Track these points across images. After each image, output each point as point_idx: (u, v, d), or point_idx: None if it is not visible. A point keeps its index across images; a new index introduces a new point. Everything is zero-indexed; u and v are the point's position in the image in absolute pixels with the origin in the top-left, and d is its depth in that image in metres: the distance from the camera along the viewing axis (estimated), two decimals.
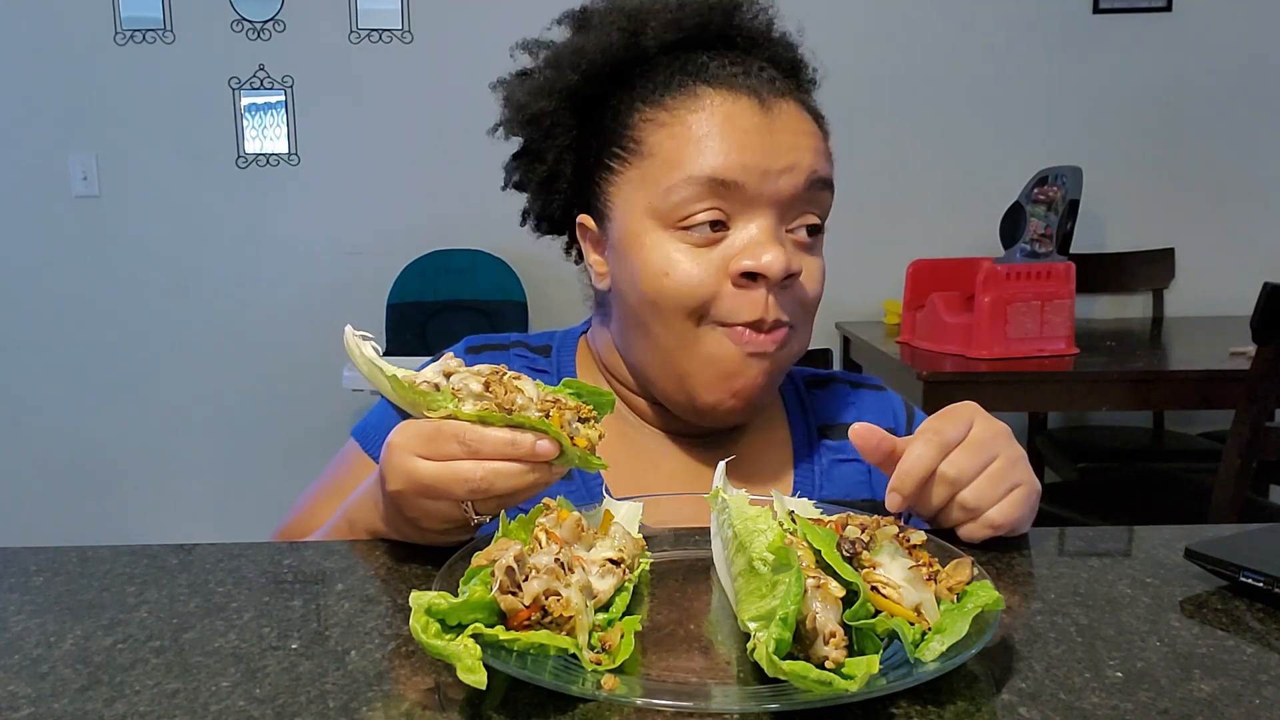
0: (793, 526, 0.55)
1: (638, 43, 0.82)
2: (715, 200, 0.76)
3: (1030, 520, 0.71)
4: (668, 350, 0.79)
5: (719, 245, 0.77)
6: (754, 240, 0.76)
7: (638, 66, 0.83)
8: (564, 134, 0.86)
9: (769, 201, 0.77)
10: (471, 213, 2.95)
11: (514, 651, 0.47)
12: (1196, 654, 0.51)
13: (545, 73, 0.86)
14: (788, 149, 0.77)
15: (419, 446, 0.60)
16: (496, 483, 0.59)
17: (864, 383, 0.98)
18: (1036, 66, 3.01)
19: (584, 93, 0.84)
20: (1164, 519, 1.89)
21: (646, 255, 0.78)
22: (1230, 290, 2.84)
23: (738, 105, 0.77)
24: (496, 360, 0.91)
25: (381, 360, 0.64)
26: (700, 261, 0.76)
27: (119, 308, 3.05)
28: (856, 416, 0.92)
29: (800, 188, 0.77)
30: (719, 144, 0.76)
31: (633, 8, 0.83)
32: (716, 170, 0.75)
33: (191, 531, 3.07)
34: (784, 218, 0.78)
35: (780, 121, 0.78)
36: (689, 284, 0.76)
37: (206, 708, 0.46)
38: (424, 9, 2.97)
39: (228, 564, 0.67)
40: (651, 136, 0.79)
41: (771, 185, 0.76)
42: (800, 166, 0.77)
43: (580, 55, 0.83)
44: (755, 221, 0.77)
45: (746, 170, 0.75)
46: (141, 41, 2.96)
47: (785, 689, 0.45)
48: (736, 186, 0.76)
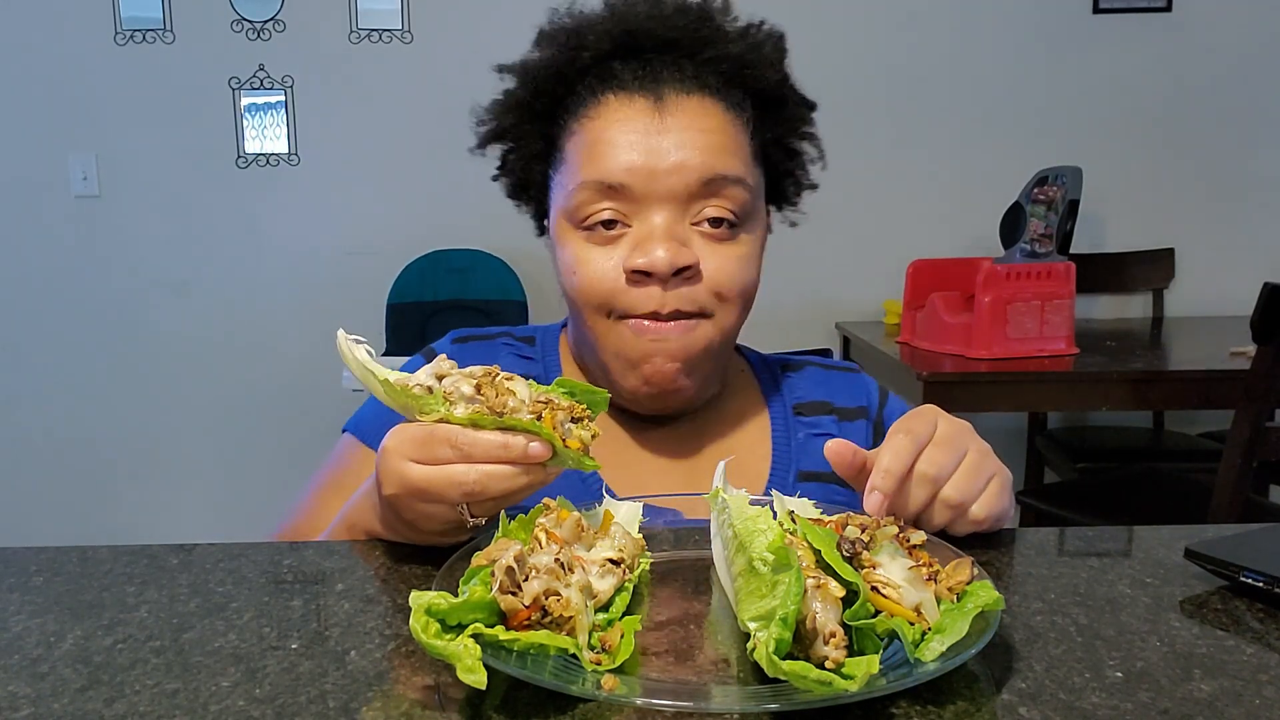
0: (793, 526, 0.55)
1: (576, 56, 0.86)
2: (609, 201, 0.81)
3: (1011, 511, 0.71)
4: (591, 343, 0.85)
5: (619, 242, 0.81)
6: (644, 237, 0.80)
7: (577, 79, 0.86)
8: (527, 145, 0.90)
9: (660, 198, 0.80)
10: (471, 213, 2.95)
11: (514, 651, 0.47)
12: (1196, 654, 0.51)
13: (510, 90, 0.91)
14: (677, 146, 0.80)
15: (412, 451, 0.61)
16: (490, 485, 0.59)
17: (836, 365, 1.02)
18: (1036, 66, 3.01)
19: (535, 107, 0.88)
20: (1164, 519, 1.89)
21: (562, 255, 0.85)
22: (1230, 290, 2.84)
23: (632, 108, 0.82)
24: (483, 350, 0.93)
25: (374, 363, 0.64)
26: (601, 259, 0.81)
27: (119, 308, 3.05)
28: (829, 394, 0.96)
29: (693, 185, 0.80)
30: (607, 148, 0.81)
31: (575, 25, 0.88)
32: (603, 175, 0.80)
33: (191, 531, 3.07)
34: (684, 211, 0.81)
35: (675, 120, 0.81)
36: (590, 281, 0.81)
37: (206, 708, 0.46)
38: (424, 9, 2.97)
39: (228, 564, 0.67)
40: (567, 145, 0.85)
41: (661, 184, 0.80)
42: (689, 165, 0.80)
43: (528, 73, 0.88)
44: (651, 219, 0.80)
45: (632, 173, 0.80)
46: (141, 41, 2.96)
47: (785, 689, 0.45)
48: (624, 188, 0.80)
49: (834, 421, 0.94)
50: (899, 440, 0.66)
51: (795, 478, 0.90)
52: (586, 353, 0.88)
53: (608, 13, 0.87)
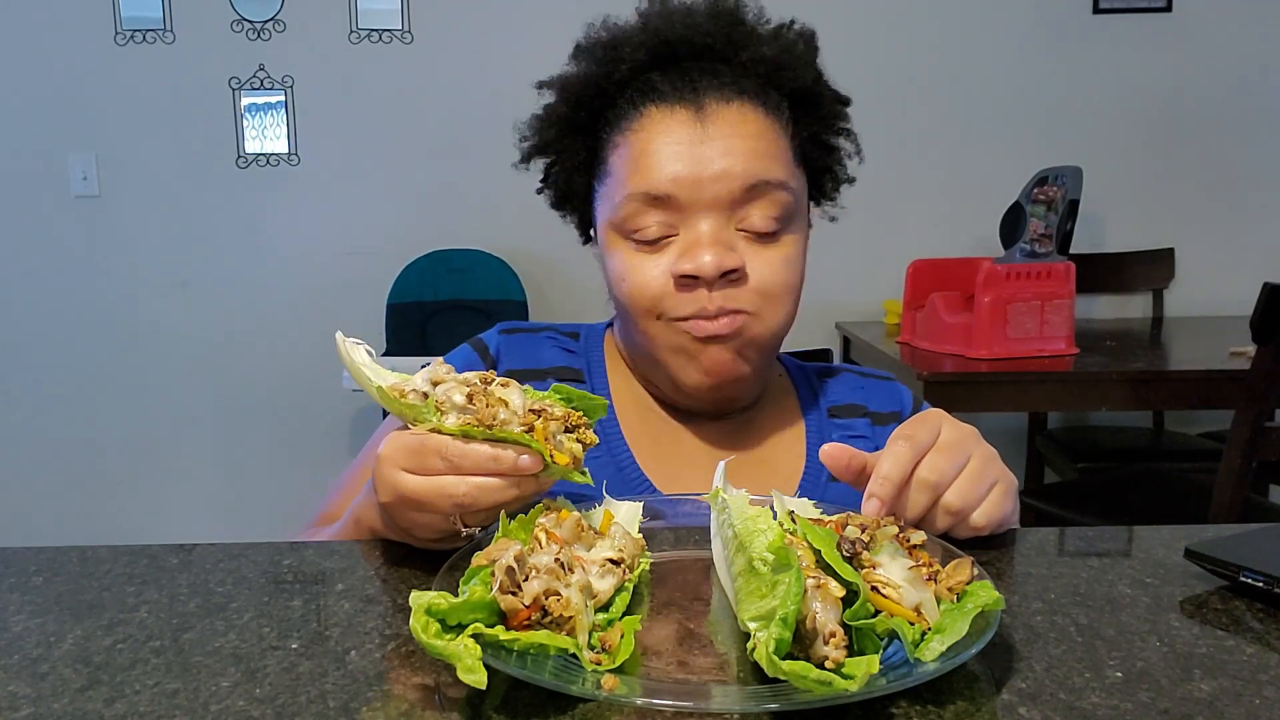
0: (793, 526, 0.55)
1: (614, 69, 0.87)
2: (657, 212, 0.82)
3: (1015, 516, 0.71)
4: (644, 345, 0.86)
5: (667, 249, 0.83)
6: (690, 243, 0.82)
7: (618, 92, 0.88)
8: (570, 158, 0.91)
9: (706, 206, 0.82)
10: (471, 213, 2.96)
11: (514, 651, 0.47)
12: (1196, 654, 0.51)
13: (550, 105, 0.92)
14: (721, 154, 0.81)
15: (404, 460, 0.61)
16: (480, 498, 0.59)
17: (871, 373, 1.03)
18: (1036, 66, 3.01)
19: (577, 120, 0.90)
20: (1164, 519, 1.89)
21: (611, 264, 0.86)
22: (1230, 290, 2.84)
23: (674, 119, 0.83)
24: (528, 342, 0.96)
25: (371, 366, 0.64)
26: (650, 267, 0.83)
27: (119, 308, 3.05)
28: (865, 399, 0.98)
29: (737, 190, 0.82)
30: (651, 160, 0.82)
31: (610, 37, 0.89)
32: (649, 187, 0.82)
33: (191, 531, 3.07)
34: (729, 216, 0.83)
35: (717, 129, 0.82)
36: (639, 287, 0.83)
37: (206, 708, 0.46)
38: (424, 9, 2.96)
39: (228, 564, 0.67)
40: (611, 157, 0.86)
41: (706, 192, 0.81)
42: (733, 173, 0.81)
43: (568, 87, 0.90)
44: (698, 225, 0.82)
45: (677, 183, 0.81)
46: (141, 41, 2.96)
47: (785, 689, 0.45)
48: (670, 198, 0.82)
49: (868, 424, 0.95)
50: (899, 447, 0.66)
51: (828, 478, 0.90)
52: (639, 354, 0.90)
53: (642, 24, 0.89)
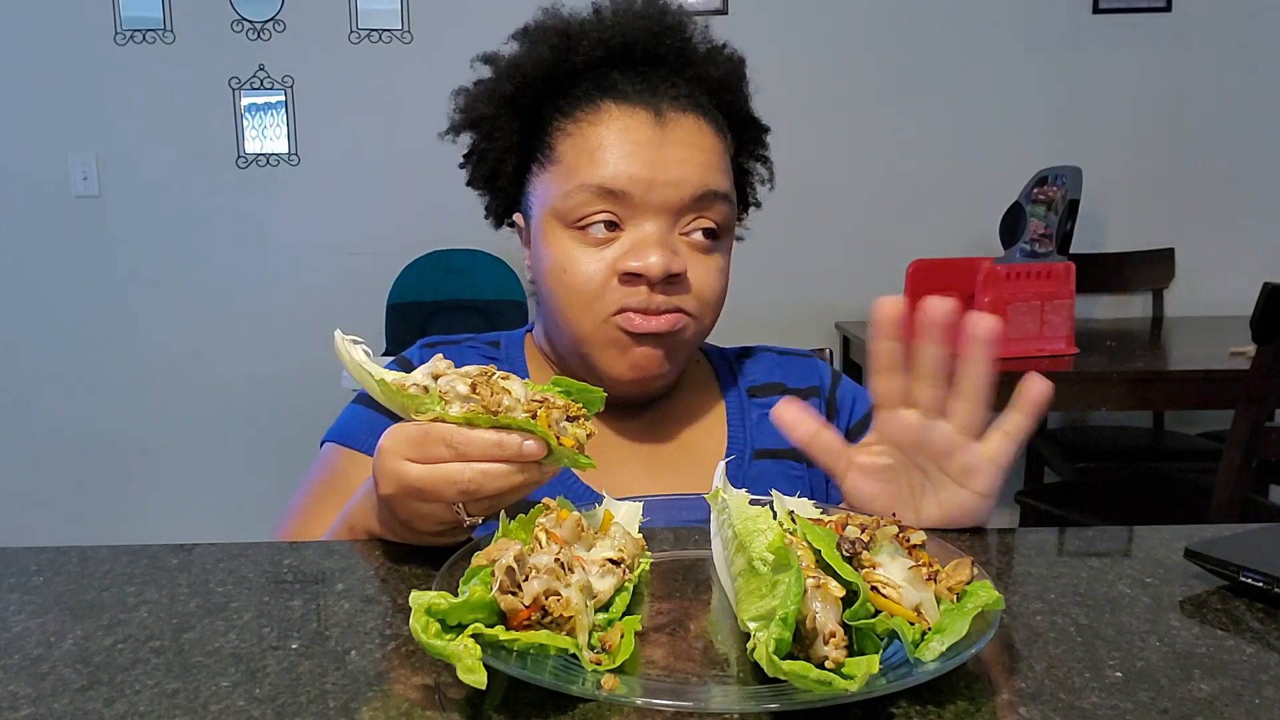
0: (793, 526, 0.55)
1: (568, 59, 0.89)
2: (607, 205, 0.84)
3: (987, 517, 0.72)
4: (574, 336, 0.87)
5: (612, 244, 0.84)
6: (639, 243, 0.83)
7: (566, 80, 0.89)
8: (503, 138, 0.92)
9: (656, 208, 0.84)
10: (471, 213, 2.93)
11: (514, 651, 0.47)
12: (1196, 654, 0.51)
13: (489, 82, 0.93)
14: (677, 162, 0.84)
15: (407, 450, 0.61)
16: (485, 484, 0.59)
17: (791, 351, 1.06)
18: (1036, 66, 3.01)
19: (519, 102, 0.91)
20: (1164, 519, 1.88)
21: (551, 252, 0.86)
22: (1230, 290, 2.84)
23: (634, 119, 0.85)
24: (450, 354, 0.94)
25: (371, 364, 0.64)
26: (594, 260, 0.84)
27: (119, 308, 3.05)
28: (784, 377, 1.00)
29: (687, 199, 0.84)
30: (610, 155, 0.84)
31: (566, 26, 0.90)
32: (606, 180, 0.83)
33: (191, 531, 3.07)
34: (676, 222, 0.85)
35: (674, 135, 0.84)
36: (581, 280, 0.84)
37: (206, 708, 0.46)
38: (424, 9, 2.97)
39: (228, 564, 0.67)
40: (560, 144, 0.87)
41: (659, 195, 0.83)
42: (688, 180, 0.84)
43: (516, 67, 0.91)
44: (644, 225, 0.84)
45: (634, 181, 0.83)
46: (141, 41, 2.96)
47: (785, 689, 0.45)
48: (624, 195, 0.83)
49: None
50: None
51: (751, 456, 0.93)
52: (564, 347, 0.91)
53: (596, 19, 0.90)
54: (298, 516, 0.89)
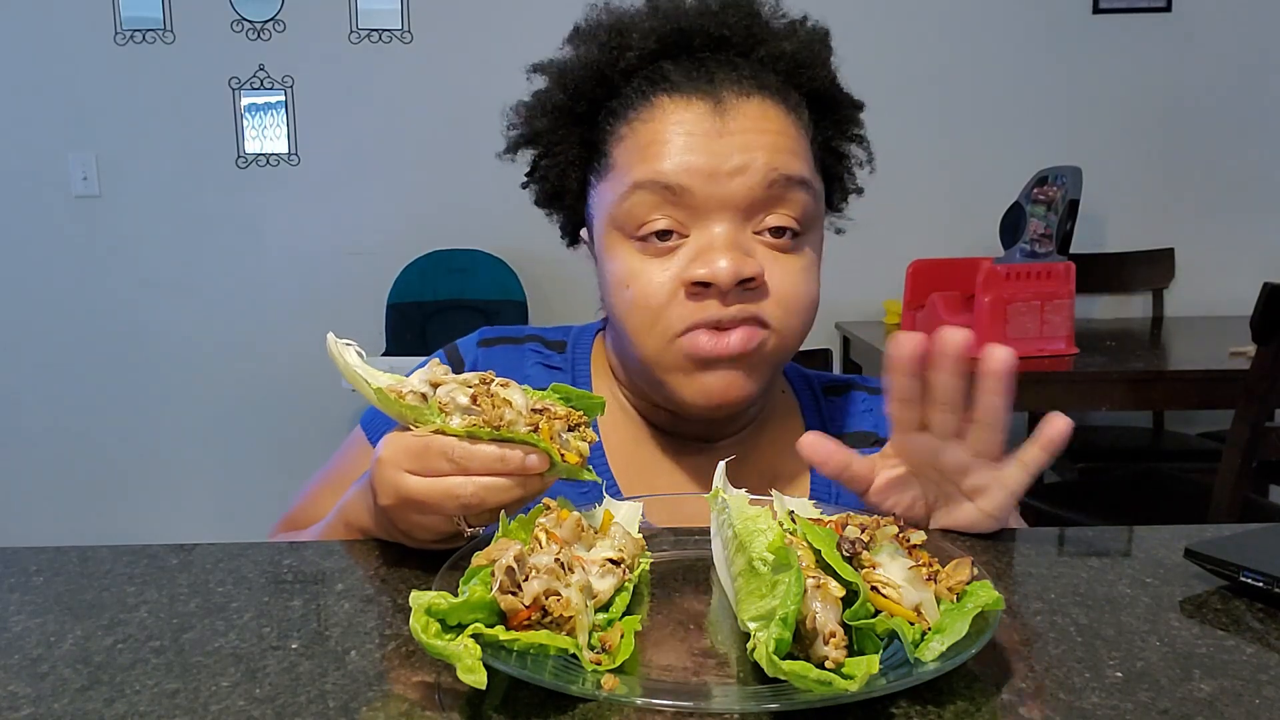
0: (793, 526, 0.55)
1: (620, 56, 0.80)
2: (667, 208, 0.75)
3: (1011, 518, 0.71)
4: (644, 358, 0.78)
5: (677, 254, 0.76)
6: (704, 247, 0.74)
7: (621, 79, 0.81)
8: (564, 150, 0.84)
9: (722, 205, 0.75)
10: (471, 213, 2.96)
11: (514, 651, 0.47)
12: (1196, 654, 0.51)
13: (542, 92, 0.85)
14: (740, 149, 0.74)
15: (408, 462, 0.60)
16: (487, 498, 0.58)
17: (881, 389, 0.97)
18: (1036, 66, 3.02)
19: (575, 110, 0.83)
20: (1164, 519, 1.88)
21: (612, 266, 0.78)
22: (1230, 290, 2.84)
23: (690, 110, 0.76)
24: (511, 354, 0.90)
25: (365, 367, 0.63)
26: (658, 272, 0.75)
27: (119, 308, 3.05)
28: (874, 424, 0.90)
29: (757, 188, 0.75)
30: (664, 148, 0.75)
31: (615, 21, 0.82)
32: (660, 174, 0.74)
33: (191, 531, 3.07)
34: (746, 221, 0.76)
35: (737, 122, 0.75)
36: (644, 295, 0.76)
37: (206, 708, 0.46)
38: (424, 9, 2.97)
39: (228, 564, 0.67)
40: (615, 149, 0.79)
41: (723, 187, 0.74)
42: (754, 166, 0.74)
43: (566, 73, 0.83)
44: (711, 228, 0.75)
45: (691, 173, 0.74)
46: (141, 41, 2.96)
47: (785, 689, 0.45)
48: (683, 190, 0.74)
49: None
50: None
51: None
52: (633, 366, 0.83)
53: (650, 9, 0.81)
54: (308, 497, 0.89)
